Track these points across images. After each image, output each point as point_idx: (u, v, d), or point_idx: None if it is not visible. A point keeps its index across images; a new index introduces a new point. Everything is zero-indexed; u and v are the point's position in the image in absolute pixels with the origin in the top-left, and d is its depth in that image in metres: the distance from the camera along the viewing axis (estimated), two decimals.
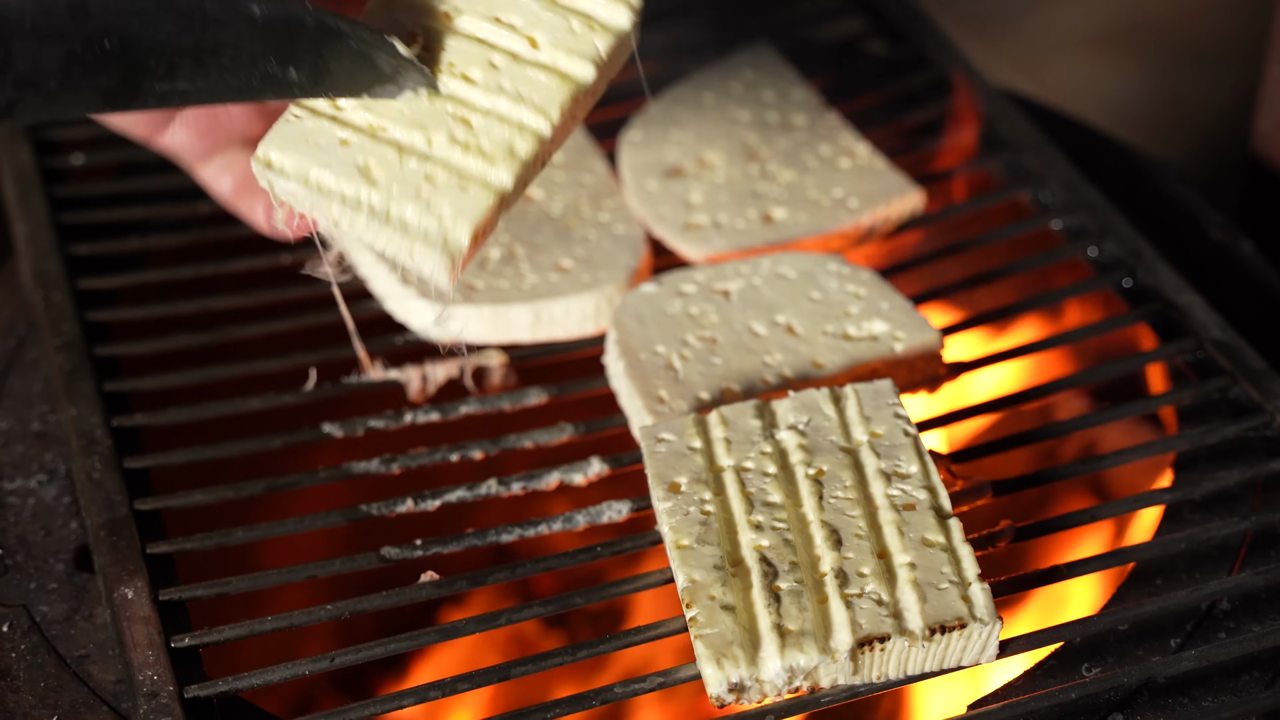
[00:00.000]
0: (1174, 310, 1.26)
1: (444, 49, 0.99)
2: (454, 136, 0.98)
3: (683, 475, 1.08)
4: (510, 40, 1.00)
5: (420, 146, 0.97)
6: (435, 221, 0.96)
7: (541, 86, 0.99)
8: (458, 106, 0.99)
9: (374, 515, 1.12)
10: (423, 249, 0.96)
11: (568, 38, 1.01)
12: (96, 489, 1.14)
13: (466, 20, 1.01)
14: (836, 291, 1.24)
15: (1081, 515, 1.12)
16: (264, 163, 0.96)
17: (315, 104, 0.98)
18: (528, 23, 1.01)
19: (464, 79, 0.99)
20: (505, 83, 0.99)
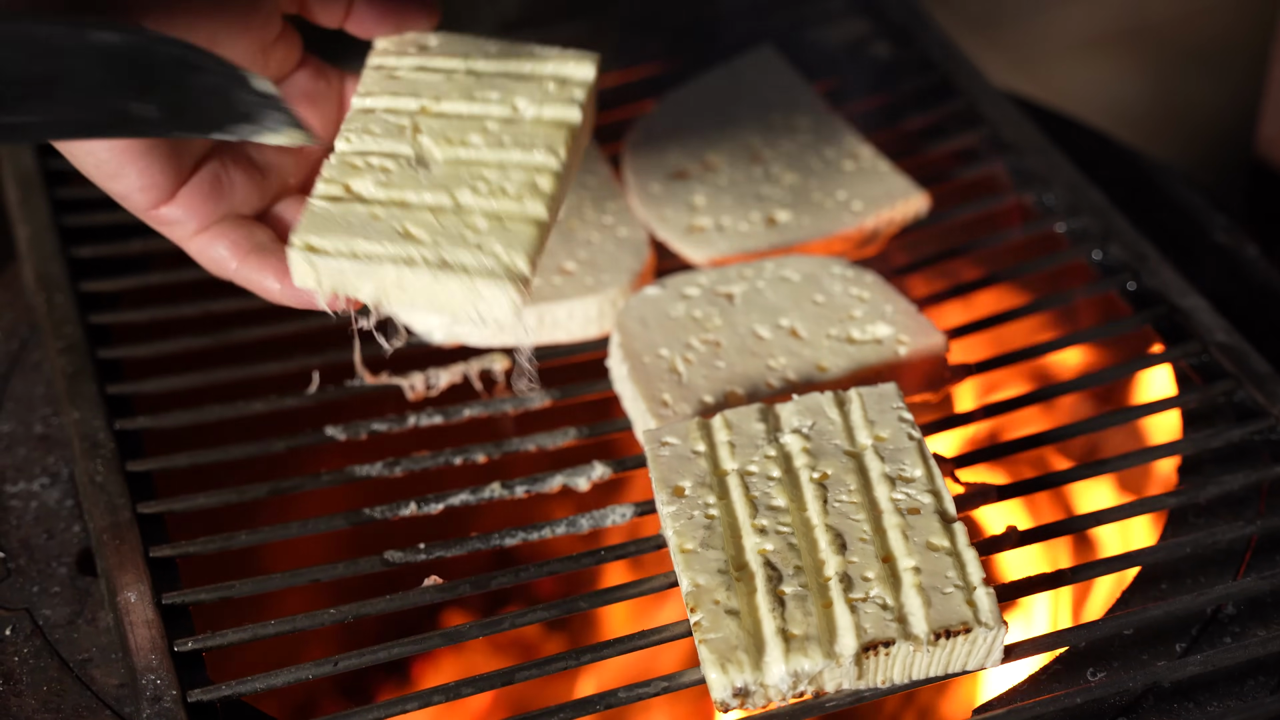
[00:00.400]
0: (1178, 314, 1.25)
1: (437, 128, 1.05)
2: (477, 190, 1.02)
3: (687, 479, 1.07)
4: (496, 109, 1.06)
5: (449, 205, 1.01)
6: (492, 258, 0.99)
7: (540, 133, 1.04)
8: (470, 167, 1.03)
9: (377, 519, 1.12)
10: (487, 284, 0.98)
11: (546, 97, 1.06)
12: (99, 492, 1.13)
13: (448, 105, 1.06)
14: (840, 295, 1.23)
15: (1086, 519, 1.12)
16: (305, 248, 0.99)
17: (331, 189, 1.01)
18: (504, 95, 1.06)
19: (463, 144, 1.04)
20: (505, 139, 1.04)
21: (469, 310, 0.99)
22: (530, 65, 1.08)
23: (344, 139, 1.04)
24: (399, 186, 1.02)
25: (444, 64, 1.08)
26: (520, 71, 1.08)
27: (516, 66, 1.08)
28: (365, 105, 1.06)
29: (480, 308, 0.99)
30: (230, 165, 1.04)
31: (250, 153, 1.06)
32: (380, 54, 1.08)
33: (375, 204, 1.01)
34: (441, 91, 1.06)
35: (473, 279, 0.98)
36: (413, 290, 0.99)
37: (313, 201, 1.01)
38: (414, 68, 1.07)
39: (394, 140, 1.04)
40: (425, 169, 1.03)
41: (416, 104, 1.06)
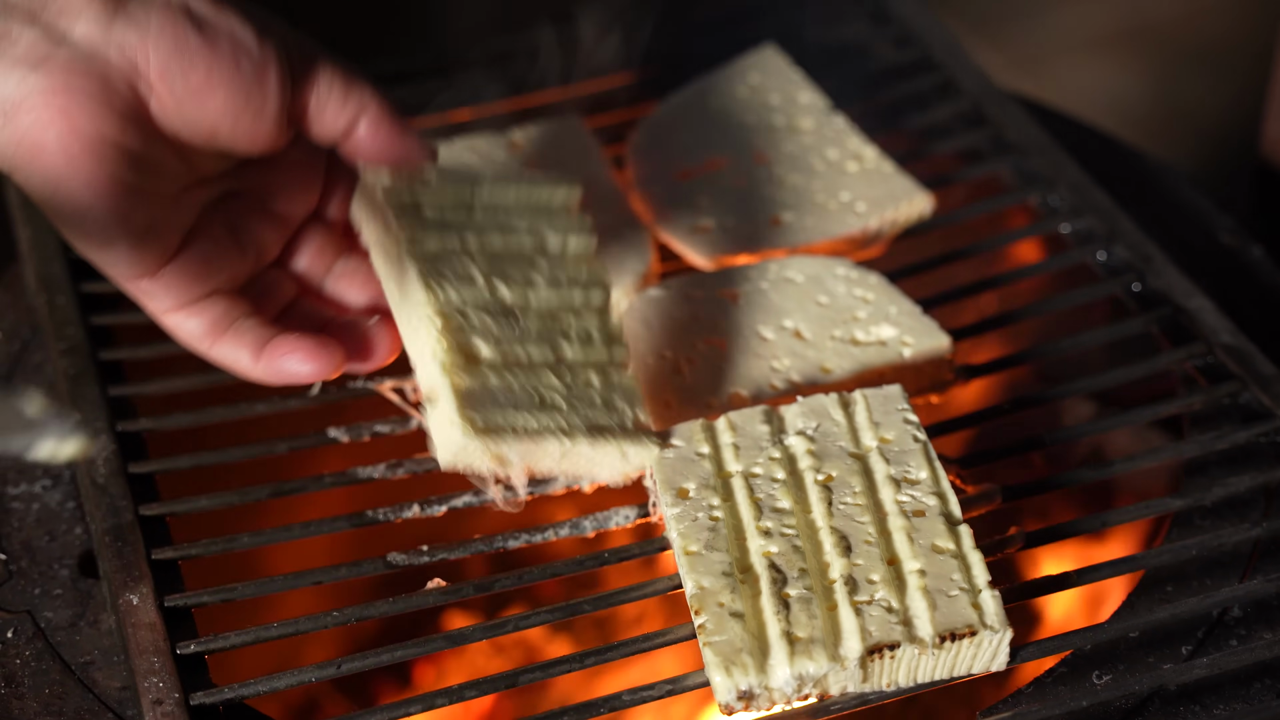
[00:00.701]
0: (1183, 315, 1.25)
1: (498, 269, 1.06)
2: (570, 339, 1.06)
3: (691, 481, 1.07)
4: (528, 240, 1.08)
5: (553, 359, 1.05)
6: (620, 416, 1.05)
7: (580, 269, 1.09)
8: (552, 316, 1.06)
9: (380, 521, 1.11)
10: (633, 447, 1.05)
11: (562, 226, 1.10)
12: (101, 494, 1.13)
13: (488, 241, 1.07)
14: (844, 296, 1.23)
15: (1092, 521, 1.11)
16: (476, 431, 1.00)
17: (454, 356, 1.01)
18: (529, 226, 1.09)
19: (529, 285, 1.06)
20: (559, 277, 1.08)
21: (608, 473, 1.06)
22: (529, 192, 1.10)
23: (431, 290, 1.02)
24: (506, 343, 1.03)
25: (456, 197, 1.08)
26: (524, 201, 1.09)
27: (516, 195, 1.09)
28: (424, 250, 1.04)
29: (624, 467, 1.06)
30: (221, 241, 1.03)
31: (239, 230, 1.05)
32: (393, 191, 1.05)
33: (501, 369, 1.02)
34: (476, 228, 1.07)
35: (619, 443, 1.04)
36: (571, 458, 1.04)
37: (450, 378, 1.00)
38: (434, 205, 1.06)
39: (471, 289, 1.04)
40: (515, 320, 1.05)
41: (459, 242, 1.06)
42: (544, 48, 1.55)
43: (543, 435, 1.02)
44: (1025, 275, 1.31)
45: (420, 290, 1.02)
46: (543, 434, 1.02)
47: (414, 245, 1.04)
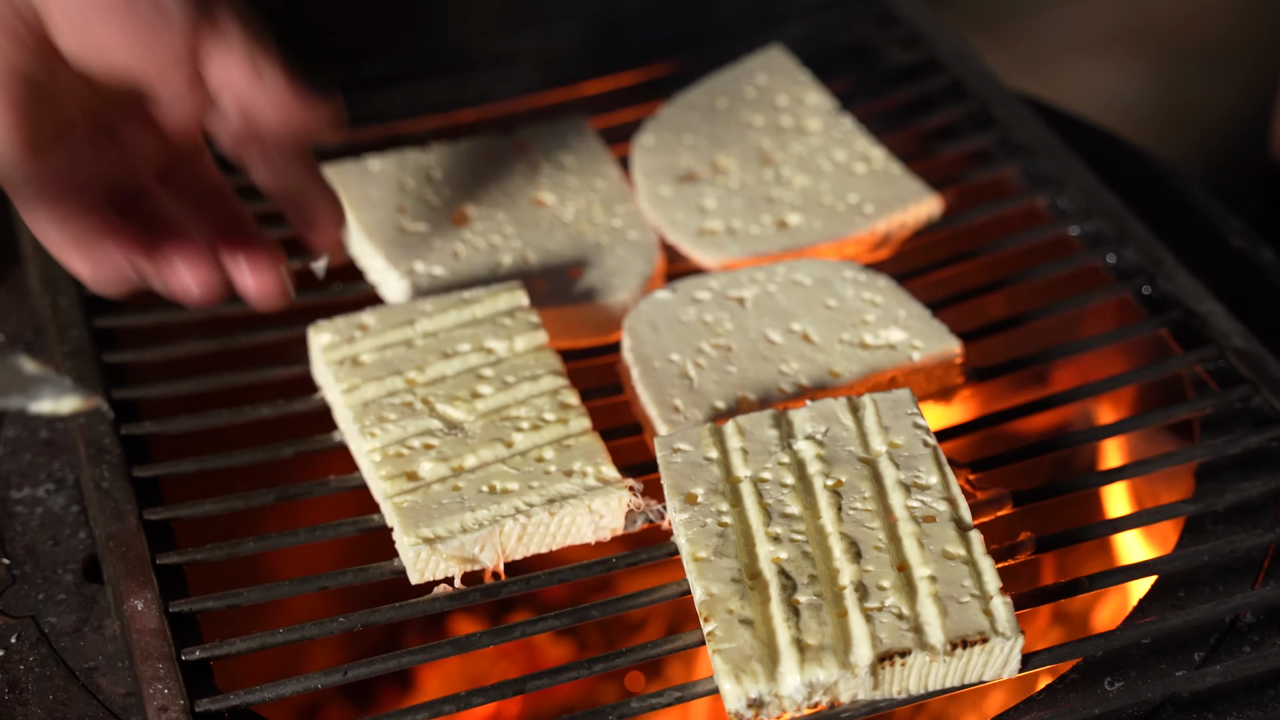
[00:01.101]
0: (1194, 318, 1.24)
1: (442, 393, 1.14)
2: (521, 429, 1.11)
3: (699, 486, 1.06)
4: (475, 357, 1.16)
5: (506, 452, 1.10)
6: (583, 478, 1.09)
7: (530, 362, 1.15)
8: (499, 414, 1.12)
9: (386, 525, 1.10)
10: (600, 499, 1.08)
11: (508, 331, 1.17)
12: (105, 499, 1.12)
13: (433, 370, 1.15)
14: (853, 299, 1.22)
15: (1103, 526, 1.11)
16: (422, 542, 1.05)
17: (398, 484, 1.08)
18: (473, 343, 1.16)
19: (476, 397, 1.13)
20: (508, 378, 1.14)
21: (587, 532, 1.09)
22: (470, 310, 1.18)
23: (368, 436, 1.11)
24: (453, 456, 1.10)
25: (397, 336, 1.17)
26: (467, 319, 1.18)
27: (458, 316, 1.18)
28: (361, 398, 1.13)
29: (599, 523, 1.08)
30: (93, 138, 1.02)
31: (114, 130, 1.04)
32: (329, 348, 1.16)
33: (448, 479, 1.08)
34: (418, 361, 1.15)
35: (583, 501, 1.07)
36: (531, 534, 1.07)
37: (393, 500, 1.07)
38: (374, 349, 1.16)
39: (414, 419, 1.12)
40: (462, 431, 1.11)
41: (403, 380, 1.14)
42: (548, 48, 1.54)
43: (497, 523, 1.06)
44: (1034, 277, 1.30)
45: (358, 439, 1.12)
46: (496, 522, 1.06)
47: (351, 395, 1.13)
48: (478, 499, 1.08)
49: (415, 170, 1.35)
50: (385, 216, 1.31)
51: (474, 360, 1.16)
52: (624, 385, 1.21)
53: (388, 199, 1.32)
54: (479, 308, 1.19)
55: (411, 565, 1.06)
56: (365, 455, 1.11)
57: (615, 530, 1.09)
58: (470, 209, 1.32)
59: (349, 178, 1.34)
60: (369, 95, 1.48)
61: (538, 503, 1.07)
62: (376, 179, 1.34)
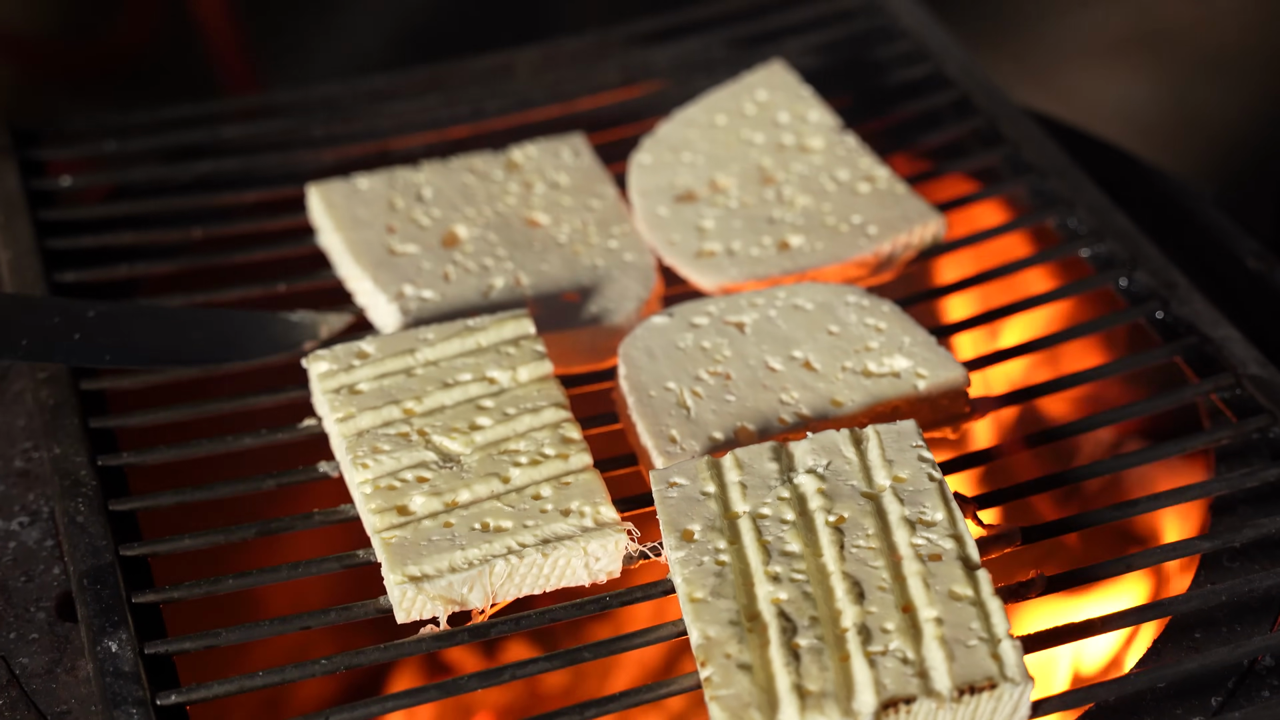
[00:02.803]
0: (1209, 344, 1.20)
1: (439, 424, 1.10)
2: (520, 463, 1.08)
3: (696, 522, 1.03)
4: (476, 387, 1.12)
5: (503, 487, 1.07)
6: (579, 517, 1.05)
7: (533, 393, 1.11)
8: (497, 447, 1.09)
9: (371, 562, 1.07)
10: (595, 542, 1.03)
11: (512, 360, 1.13)
12: (80, 533, 1.08)
13: (431, 400, 1.11)
14: (856, 325, 1.18)
15: (1116, 564, 1.06)
16: (407, 580, 1.01)
17: (388, 518, 1.04)
18: (474, 373, 1.13)
19: (475, 429, 1.10)
20: (508, 410, 1.11)
21: (582, 574, 1.05)
22: (474, 338, 1.14)
23: (360, 467, 1.07)
24: (446, 490, 1.06)
25: (397, 364, 1.13)
26: (470, 347, 1.14)
27: (462, 344, 1.14)
28: (355, 428, 1.10)
29: (593, 566, 1.04)
30: None
31: None
32: (326, 376, 1.12)
33: (439, 515, 1.05)
34: (416, 390, 1.12)
35: (579, 543, 1.03)
36: (522, 575, 1.03)
37: (381, 536, 1.04)
38: (372, 378, 1.12)
39: (409, 451, 1.08)
40: (458, 464, 1.08)
41: (400, 410, 1.11)
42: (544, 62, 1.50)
43: (487, 563, 1.02)
44: (1043, 302, 1.25)
45: (350, 470, 1.08)
46: (487, 562, 1.02)
47: (346, 425, 1.10)
48: (469, 537, 1.04)
49: (405, 189, 1.31)
50: (373, 237, 1.27)
51: (475, 390, 1.12)
52: (619, 414, 1.17)
53: (376, 219, 1.28)
54: (483, 336, 1.15)
55: (398, 604, 1.02)
56: (356, 487, 1.08)
57: (611, 574, 1.06)
58: (461, 229, 1.28)
59: (336, 196, 1.30)
60: (360, 111, 1.44)
61: (531, 543, 1.04)
62: (365, 198, 1.30)
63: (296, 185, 1.34)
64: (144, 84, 2.74)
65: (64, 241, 1.31)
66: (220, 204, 1.36)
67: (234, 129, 1.42)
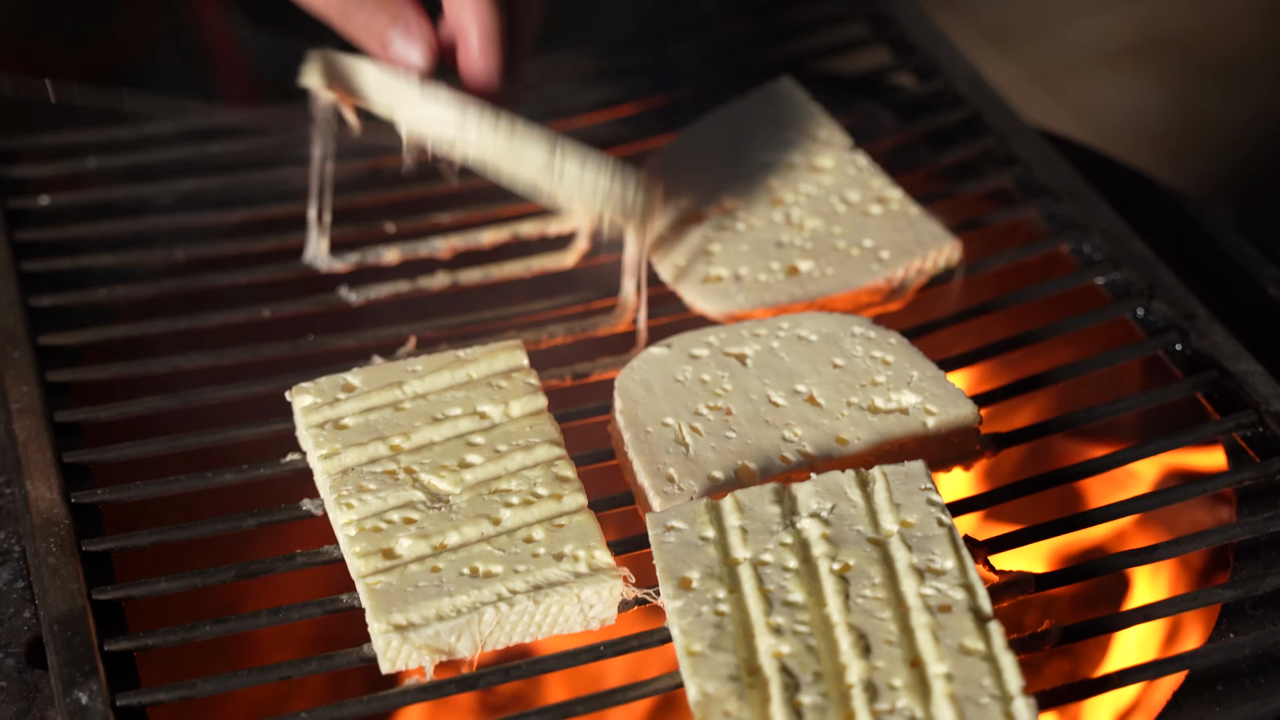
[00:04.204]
0: (1230, 379, 1.15)
1: (428, 462, 1.06)
2: (511, 504, 1.04)
3: (694, 569, 0.98)
4: (466, 422, 1.08)
5: (493, 529, 1.02)
6: (573, 561, 1.01)
7: (525, 429, 1.08)
8: (487, 486, 1.05)
9: (355, 607, 1.02)
10: (589, 588, 0.99)
11: (505, 394, 1.09)
12: (52, 575, 1.04)
13: (419, 436, 1.07)
14: (862, 358, 1.13)
15: (1134, 615, 1.02)
16: (397, 629, 0.97)
17: (373, 562, 1.00)
18: (464, 407, 1.09)
19: (465, 467, 1.05)
20: (500, 447, 1.07)
21: (575, 622, 1.01)
22: (465, 370, 1.11)
23: (344, 507, 1.03)
24: (435, 533, 1.02)
25: (384, 398, 1.09)
26: (460, 380, 1.10)
27: (452, 376, 1.10)
28: (340, 465, 1.06)
29: (588, 613, 1.00)
30: None
31: None
32: (310, 410, 1.08)
33: (427, 559, 1.01)
34: (404, 426, 1.07)
35: (572, 590, 0.99)
36: (513, 623, 0.99)
37: (366, 581, 0.99)
38: (358, 412, 1.08)
39: (395, 490, 1.04)
40: (446, 505, 1.04)
41: (386, 447, 1.06)
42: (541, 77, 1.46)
43: (476, 611, 0.98)
44: (1057, 333, 1.21)
45: (334, 510, 1.04)
46: (476, 610, 0.98)
47: (330, 462, 1.06)
48: (457, 583, 1.00)
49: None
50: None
51: (465, 426, 1.08)
52: (615, 450, 1.13)
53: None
54: (474, 368, 1.11)
55: (382, 654, 0.98)
56: (340, 528, 1.03)
57: (606, 621, 1.01)
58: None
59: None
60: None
61: (522, 590, 0.99)
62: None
63: (284, 204, 1.30)
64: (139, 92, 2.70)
65: (41, 264, 1.26)
66: (204, 224, 1.31)
67: (220, 145, 1.37)
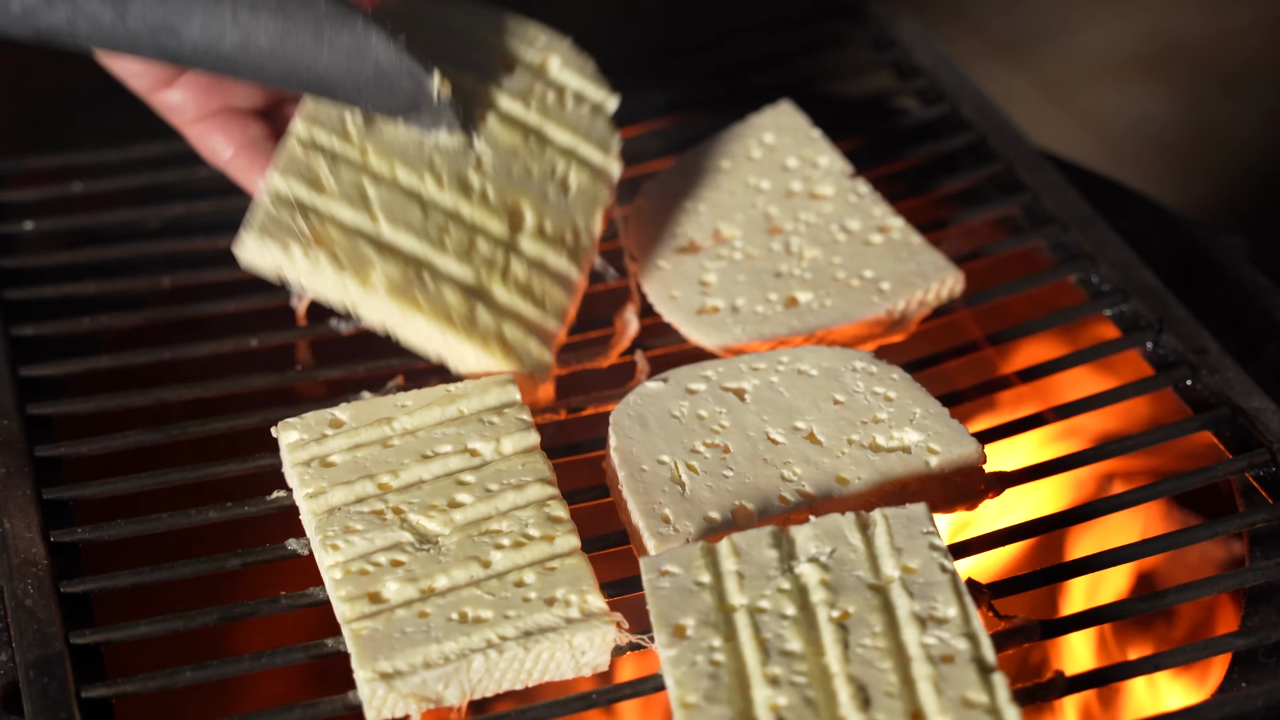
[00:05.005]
0: (1243, 416, 1.12)
1: (416, 501, 1.03)
2: (501, 546, 1.00)
3: (689, 616, 0.95)
4: (456, 460, 1.05)
5: (483, 572, 0.99)
6: (565, 607, 0.98)
7: (517, 467, 1.05)
8: (477, 527, 1.02)
9: (341, 651, 0.99)
10: (581, 634, 0.97)
11: (496, 430, 1.06)
12: (29, 618, 1.01)
13: (408, 474, 1.05)
14: (863, 394, 1.10)
15: (1143, 664, 0.99)
16: (378, 677, 0.95)
17: (358, 606, 0.97)
18: (455, 444, 1.06)
19: (454, 506, 1.03)
20: (491, 486, 1.04)
21: (567, 669, 0.98)
22: (455, 405, 1.08)
23: (329, 549, 1.01)
24: (423, 576, 0.99)
25: (373, 434, 1.06)
26: (451, 415, 1.07)
27: (443, 412, 1.07)
28: (326, 505, 1.03)
29: (580, 660, 0.98)
30: None
31: None
32: (296, 447, 1.05)
33: (414, 603, 0.98)
34: (393, 463, 1.05)
35: (563, 636, 0.96)
36: (502, 670, 0.97)
37: (351, 626, 0.97)
38: (346, 449, 1.06)
39: (383, 531, 1.01)
40: (435, 546, 1.01)
41: (374, 485, 1.04)
42: None
43: (465, 658, 0.96)
44: (1063, 368, 1.18)
45: (320, 551, 1.01)
46: (464, 656, 0.96)
47: (316, 501, 1.03)
48: (445, 629, 0.97)
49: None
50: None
51: (455, 463, 1.05)
52: (610, 487, 1.10)
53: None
54: (465, 403, 1.08)
55: (367, 702, 0.95)
56: (326, 570, 1.01)
57: (599, 668, 0.98)
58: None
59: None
60: None
61: (512, 636, 0.97)
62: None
63: None
64: (138, 101, 2.68)
65: (23, 292, 1.24)
66: (192, 249, 1.29)
67: (209, 168, 1.34)
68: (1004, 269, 1.27)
